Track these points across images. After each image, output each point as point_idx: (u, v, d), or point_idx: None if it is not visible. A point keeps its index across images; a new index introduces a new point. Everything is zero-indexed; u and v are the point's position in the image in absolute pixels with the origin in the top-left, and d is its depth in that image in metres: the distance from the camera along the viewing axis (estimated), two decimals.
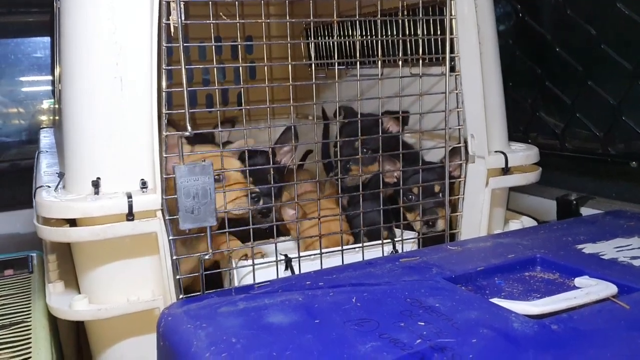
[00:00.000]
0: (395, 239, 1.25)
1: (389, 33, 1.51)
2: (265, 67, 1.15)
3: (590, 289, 0.86)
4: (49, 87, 2.59)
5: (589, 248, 1.06)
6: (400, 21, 1.30)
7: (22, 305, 1.25)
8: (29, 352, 1.05)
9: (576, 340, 0.74)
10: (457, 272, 0.98)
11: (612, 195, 1.65)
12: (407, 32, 1.33)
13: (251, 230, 1.14)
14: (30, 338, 1.10)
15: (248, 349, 0.76)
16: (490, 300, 0.86)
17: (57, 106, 1.74)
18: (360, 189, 1.25)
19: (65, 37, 1.05)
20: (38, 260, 1.52)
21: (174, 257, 1.06)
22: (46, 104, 2.63)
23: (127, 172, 1.04)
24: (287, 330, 0.80)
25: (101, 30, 1.02)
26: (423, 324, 0.79)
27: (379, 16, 1.23)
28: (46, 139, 1.93)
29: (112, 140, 1.03)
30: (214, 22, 1.05)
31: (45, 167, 1.37)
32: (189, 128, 1.04)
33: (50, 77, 2.57)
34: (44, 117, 2.63)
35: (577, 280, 0.93)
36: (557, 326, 0.76)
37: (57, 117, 1.73)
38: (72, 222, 1.04)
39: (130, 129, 1.04)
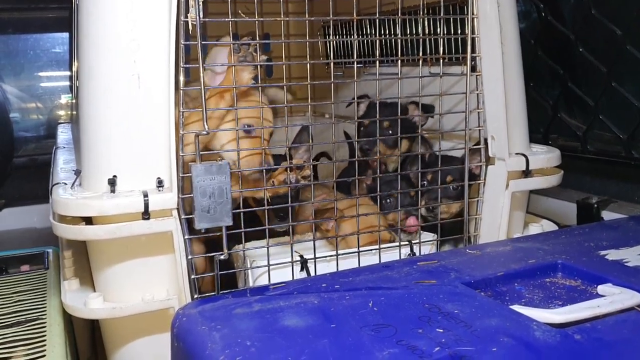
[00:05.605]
0: (413, 242, 1.23)
1: (409, 32, 1.49)
2: (284, 66, 1.13)
3: (614, 298, 0.84)
4: (67, 83, 2.61)
5: (612, 254, 1.03)
6: (420, 20, 1.28)
7: (38, 301, 1.25)
8: (44, 349, 1.05)
9: (601, 351, 0.72)
10: (476, 277, 0.96)
11: (634, 199, 1.61)
12: (427, 31, 1.31)
13: (267, 231, 1.13)
14: (45, 335, 1.10)
15: (262, 353, 0.74)
16: (510, 307, 0.84)
17: (74, 102, 1.75)
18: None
19: (83, 34, 1.05)
20: (54, 256, 1.52)
21: (189, 257, 1.06)
22: (64, 99, 2.65)
23: (143, 171, 1.04)
24: (303, 335, 0.79)
25: (119, 27, 1.01)
26: (442, 330, 0.77)
27: (398, 15, 1.21)
28: (63, 134, 1.93)
29: (128, 138, 1.03)
30: (232, 19, 1.04)
31: (62, 163, 1.38)
32: (206, 127, 1.03)
33: (68, 73, 2.58)
34: (61, 112, 2.65)
35: (600, 288, 0.91)
36: (580, 336, 0.74)
37: (74, 113, 1.74)
38: (88, 220, 1.04)
39: (147, 127, 1.03)
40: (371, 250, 1.20)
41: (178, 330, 0.88)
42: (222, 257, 1.07)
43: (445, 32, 1.27)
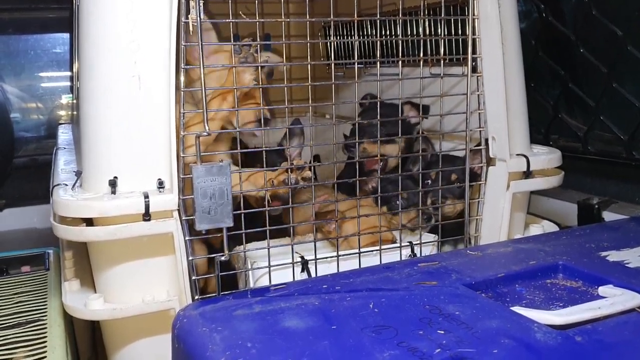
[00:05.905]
0: (414, 242, 1.23)
1: (410, 32, 1.49)
2: (285, 67, 1.13)
3: (615, 299, 0.84)
4: (68, 83, 2.61)
5: (613, 255, 1.03)
6: (421, 21, 1.28)
7: (38, 302, 1.25)
8: (44, 351, 1.05)
9: (602, 353, 0.72)
10: (477, 278, 0.96)
11: (635, 200, 1.61)
12: (428, 32, 1.31)
13: (267, 231, 1.13)
14: (45, 336, 1.10)
15: (263, 355, 0.74)
16: (511, 308, 0.84)
17: (75, 102, 1.75)
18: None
19: (83, 35, 1.04)
20: (54, 257, 1.52)
21: (190, 258, 1.06)
22: (65, 99, 2.64)
23: (144, 172, 1.04)
24: (303, 336, 0.79)
25: (120, 28, 1.01)
26: (443, 332, 0.77)
27: (399, 15, 1.21)
28: (64, 135, 1.93)
29: (129, 139, 1.03)
30: (233, 20, 1.04)
31: (63, 164, 1.37)
32: (206, 128, 1.03)
33: (68, 73, 2.58)
34: (62, 113, 2.65)
35: (601, 290, 0.91)
36: (581, 338, 0.74)
37: (75, 113, 1.74)
38: (89, 221, 1.04)
39: (148, 128, 1.03)
40: (372, 251, 1.20)
41: (179, 331, 0.87)
42: (222, 258, 1.07)
43: (446, 33, 1.27)
